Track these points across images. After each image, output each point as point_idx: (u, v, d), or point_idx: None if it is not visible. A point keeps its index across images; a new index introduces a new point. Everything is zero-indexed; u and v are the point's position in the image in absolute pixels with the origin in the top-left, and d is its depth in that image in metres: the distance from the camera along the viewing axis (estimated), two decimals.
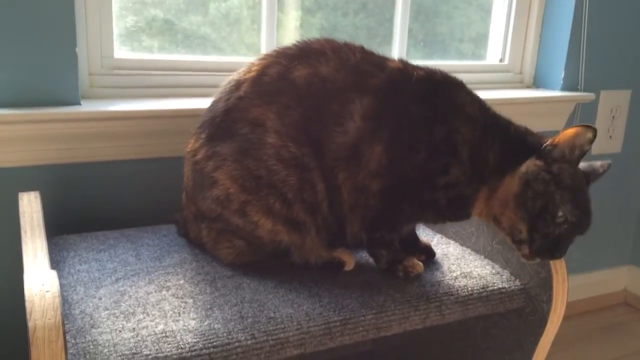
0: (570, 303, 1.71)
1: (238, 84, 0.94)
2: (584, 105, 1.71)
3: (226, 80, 0.98)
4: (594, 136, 0.85)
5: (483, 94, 1.52)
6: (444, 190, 0.91)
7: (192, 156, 0.95)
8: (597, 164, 0.95)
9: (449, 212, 0.96)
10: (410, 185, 0.92)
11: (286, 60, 0.93)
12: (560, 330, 1.02)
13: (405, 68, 0.95)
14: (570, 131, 0.86)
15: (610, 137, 1.81)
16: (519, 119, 1.60)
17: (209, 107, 0.98)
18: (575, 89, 1.68)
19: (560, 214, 0.86)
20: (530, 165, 0.88)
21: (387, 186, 0.91)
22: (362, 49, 0.96)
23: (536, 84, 1.72)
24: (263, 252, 0.94)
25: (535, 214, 0.87)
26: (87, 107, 1.11)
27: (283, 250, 0.93)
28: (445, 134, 0.90)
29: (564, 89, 1.66)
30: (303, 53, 0.94)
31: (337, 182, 0.91)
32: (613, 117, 1.79)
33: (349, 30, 1.51)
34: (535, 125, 1.64)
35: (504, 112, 1.55)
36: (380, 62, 0.95)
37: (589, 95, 1.66)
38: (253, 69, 0.95)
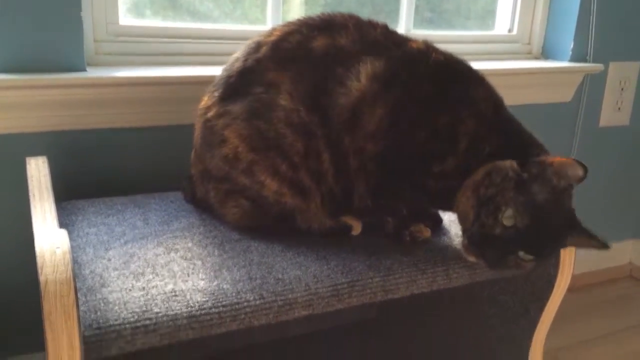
0: (576, 276, 1.71)
1: (258, 46, 0.95)
2: (593, 77, 1.69)
3: (247, 42, 0.97)
4: (584, 175, 0.79)
5: (491, 65, 1.52)
6: (435, 180, 0.90)
7: (204, 114, 0.95)
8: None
9: (438, 202, 0.96)
10: (405, 162, 0.91)
11: (308, 30, 0.93)
12: (565, 303, 1.02)
13: (426, 49, 0.93)
14: (565, 160, 0.81)
15: (619, 109, 1.79)
16: (527, 90, 1.60)
17: (226, 66, 0.98)
18: (584, 60, 1.66)
19: (505, 210, 0.80)
20: (506, 162, 0.84)
21: (382, 154, 0.90)
22: (385, 27, 0.96)
23: (545, 54, 1.70)
24: (269, 214, 0.94)
25: (483, 201, 0.82)
26: (93, 73, 1.10)
27: (288, 213, 0.93)
28: (449, 122, 0.88)
29: (572, 59, 1.64)
30: (325, 25, 0.94)
31: (343, 147, 0.91)
32: (622, 89, 1.77)
33: (353, 6, 1.49)
34: (544, 96, 1.64)
35: (512, 83, 1.55)
36: (401, 41, 0.94)
37: (597, 66, 1.64)
38: (274, 33, 0.95)
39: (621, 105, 1.80)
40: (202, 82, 1.02)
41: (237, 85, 0.93)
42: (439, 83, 0.91)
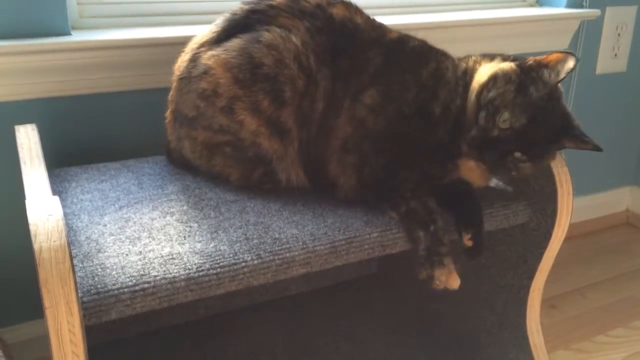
0: (574, 225, 1.71)
1: None
2: (589, 23, 1.66)
3: None
4: (575, 65, 0.84)
5: (486, 14, 1.49)
6: (441, 118, 0.90)
7: (196, 48, 0.93)
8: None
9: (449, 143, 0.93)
10: (406, 127, 0.90)
11: None
12: (563, 251, 1.03)
13: (400, 38, 0.96)
14: (555, 55, 0.86)
15: (616, 55, 1.77)
16: (523, 39, 1.57)
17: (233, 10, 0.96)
18: (580, 6, 1.62)
19: (502, 113, 0.83)
20: (506, 65, 0.88)
21: (380, 132, 0.89)
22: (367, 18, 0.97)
23: (540, 1, 1.66)
24: (245, 159, 0.92)
25: (482, 105, 0.86)
26: (78, 37, 1.07)
27: (263, 157, 0.91)
28: (434, 70, 0.92)
29: (568, 5, 1.60)
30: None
31: (342, 106, 0.90)
32: (619, 34, 1.74)
33: None
34: (540, 45, 1.61)
35: (507, 33, 1.52)
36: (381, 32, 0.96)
37: (594, 12, 1.61)
38: None
39: (618, 51, 1.77)
40: None
41: (241, 21, 0.91)
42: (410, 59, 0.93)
